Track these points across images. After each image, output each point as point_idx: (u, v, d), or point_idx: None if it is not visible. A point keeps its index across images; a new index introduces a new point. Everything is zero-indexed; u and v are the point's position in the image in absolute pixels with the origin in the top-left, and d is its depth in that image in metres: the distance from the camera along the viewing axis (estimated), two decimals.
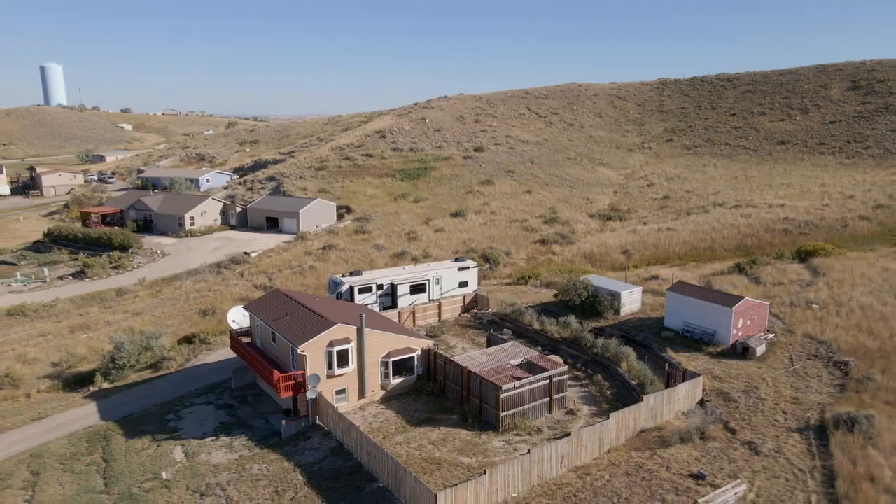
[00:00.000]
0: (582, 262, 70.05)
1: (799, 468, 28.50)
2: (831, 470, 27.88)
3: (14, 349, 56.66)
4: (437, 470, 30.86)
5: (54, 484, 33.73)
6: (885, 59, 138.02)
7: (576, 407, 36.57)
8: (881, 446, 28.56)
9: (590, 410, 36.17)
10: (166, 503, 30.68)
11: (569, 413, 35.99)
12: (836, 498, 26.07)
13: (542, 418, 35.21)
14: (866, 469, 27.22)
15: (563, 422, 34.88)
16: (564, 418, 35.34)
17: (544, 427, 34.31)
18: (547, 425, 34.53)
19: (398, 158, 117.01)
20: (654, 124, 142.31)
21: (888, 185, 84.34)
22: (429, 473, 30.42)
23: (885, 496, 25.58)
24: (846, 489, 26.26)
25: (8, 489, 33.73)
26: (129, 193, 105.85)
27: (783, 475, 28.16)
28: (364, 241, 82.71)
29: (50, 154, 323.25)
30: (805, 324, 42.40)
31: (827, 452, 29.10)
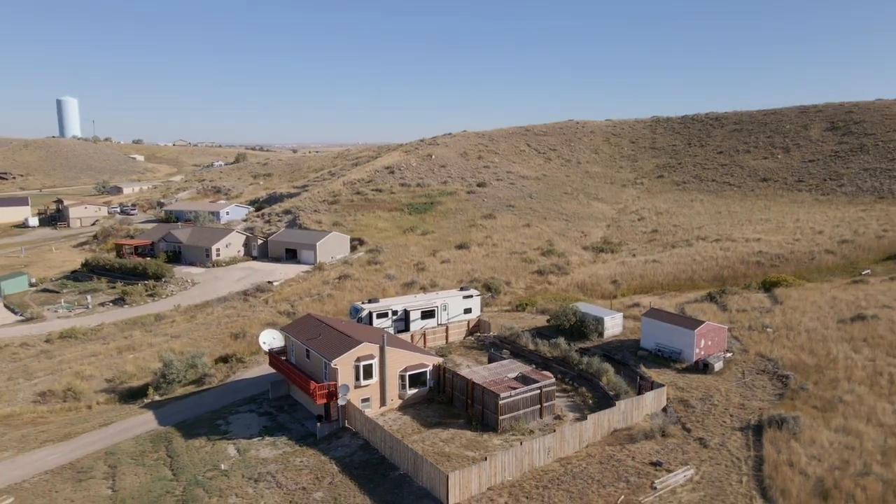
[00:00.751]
0: (574, 291, 77.53)
1: (737, 457, 35.74)
2: (761, 458, 35.09)
3: (71, 367, 64.10)
4: (447, 461, 38.07)
5: (130, 475, 40.97)
6: (861, 102, 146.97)
7: (562, 413, 43.84)
8: (802, 440, 35.78)
9: (574, 416, 43.38)
10: (227, 487, 37.90)
11: (556, 418, 43.22)
12: (762, 478, 33.28)
13: (534, 422, 42.43)
14: (787, 457, 34.44)
15: (551, 425, 42.05)
16: (553, 423, 42.53)
17: (536, 429, 41.49)
18: (538, 428, 41.73)
19: (406, 193, 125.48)
20: (647, 160, 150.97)
21: (855, 221, 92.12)
22: (440, 463, 37.60)
23: (800, 476, 32.74)
24: (770, 472, 33.47)
25: (92, 479, 40.95)
26: (159, 227, 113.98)
27: (724, 462, 35.39)
28: (376, 271, 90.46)
29: (66, 185, 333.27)
30: (759, 344, 49.78)
31: (760, 445, 36.32)
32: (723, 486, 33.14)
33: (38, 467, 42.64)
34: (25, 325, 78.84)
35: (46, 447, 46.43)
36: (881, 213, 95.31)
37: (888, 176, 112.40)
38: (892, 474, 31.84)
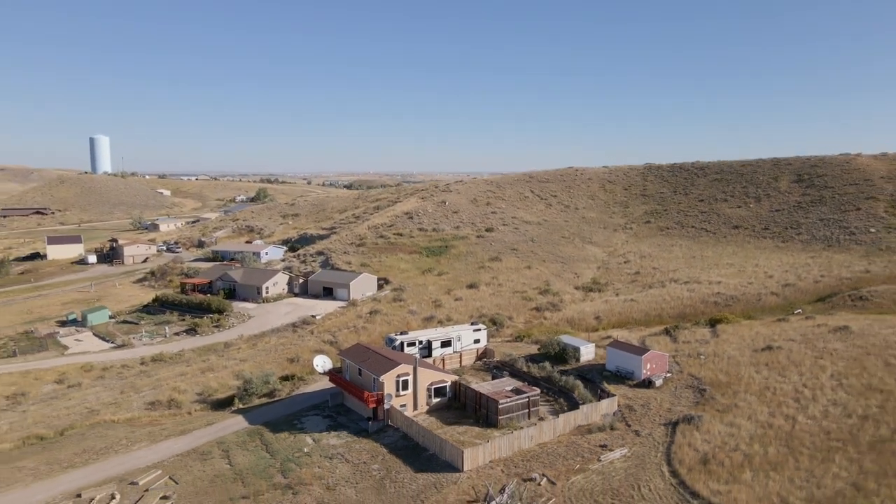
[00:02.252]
0: (564, 325, 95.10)
1: (657, 442, 53.12)
2: (672, 442, 52.46)
3: (167, 384, 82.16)
4: (462, 444, 55.62)
5: (239, 455, 58.76)
6: (827, 156, 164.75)
7: (544, 415, 61.33)
8: (701, 430, 53.14)
9: (553, 417, 60.89)
10: (310, 462, 55.58)
11: (540, 419, 60.70)
12: (670, 454, 50.60)
13: (524, 422, 59.88)
14: (689, 441, 51.77)
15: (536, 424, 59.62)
16: (537, 422, 60.05)
17: (524, 426, 59.03)
18: (526, 426, 59.23)
19: (423, 237, 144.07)
20: (637, 206, 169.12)
21: (802, 266, 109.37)
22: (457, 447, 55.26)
23: (693, 451, 49.97)
24: (675, 450, 50.81)
25: (213, 458, 58.70)
26: (215, 267, 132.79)
27: (649, 445, 52.78)
28: (401, 307, 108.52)
29: (101, 219, 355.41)
30: (692, 367, 67.19)
31: (674, 434, 53.71)
32: (644, 459, 50.55)
33: (169, 452, 60.54)
34: (119, 351, 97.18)
35: (170, 440, 64.30)
36: (825, 260, 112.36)
37: (839, 226, 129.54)
38: (751, 450, 49.15)
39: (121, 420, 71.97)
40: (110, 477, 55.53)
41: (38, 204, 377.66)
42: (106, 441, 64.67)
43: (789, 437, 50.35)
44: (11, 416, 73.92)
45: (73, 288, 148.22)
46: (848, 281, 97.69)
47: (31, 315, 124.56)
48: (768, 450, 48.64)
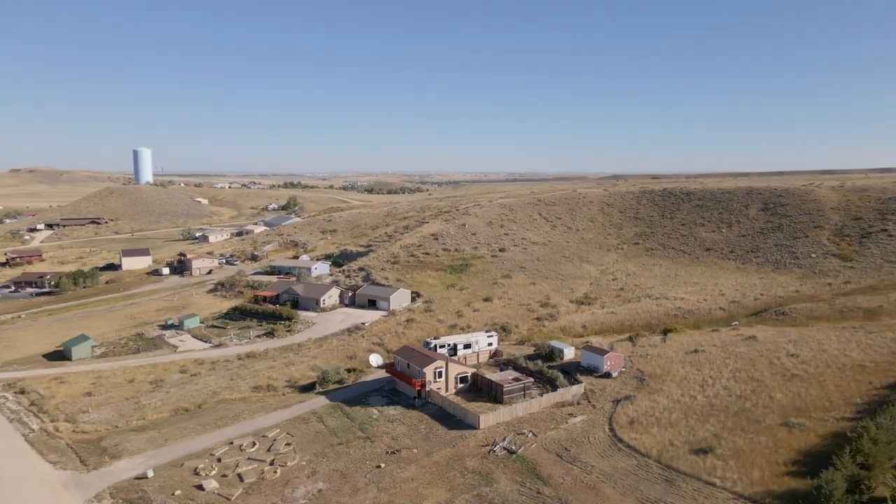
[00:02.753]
0: (558, 333, 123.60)
1: (606, 412, 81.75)
2: (615, 412, 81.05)
3: (262, 374, 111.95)
4: (478, 413, 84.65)
5: (328, 420, 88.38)
6: (791, 187, 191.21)
7: (534, 396, 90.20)
8: (635, 404, 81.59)
9: (539, 397, 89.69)
10: (380, 424, 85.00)
11: (531, 398, 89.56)
12: (611, 420, 79.22)
13: (520, 400, 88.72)
14: (626, 412, 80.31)
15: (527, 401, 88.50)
16: (528, 400, 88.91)
17: (520, 403, 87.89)
18: (521, 402, 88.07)
19: (447, 256, 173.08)
20: (630, 228, 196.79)
21: (750, 286, 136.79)
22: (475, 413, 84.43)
23: (626, 417, 78.41)
24: (615, 417, 79.41)
25: (311, 422, 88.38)
26: (280, 282, 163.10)
27: (600, 414, 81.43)
28: (430, 316, 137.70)
29: (150, 228, 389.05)
30: (640, 364, 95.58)
31: (616, 407, 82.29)
32: (595, 422, 79.18)
33: (280, 419, 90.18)
34: (217, 350, 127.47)
35: (278, 411, 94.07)
36: (769, 281, 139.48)
37: (788, 251, 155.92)
38: (661, 416, 77.49)
39: (236, 399, 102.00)
40: (246, 433, 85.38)
41: (92, 214, 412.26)
42: (233, 412, 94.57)
43: (688, 408, 78.80)
44: (159, 395, 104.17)
45: (158, 297, 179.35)
46: (780, 299, 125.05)
47: (134, 320, 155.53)
48: (672, 415, 77.12)
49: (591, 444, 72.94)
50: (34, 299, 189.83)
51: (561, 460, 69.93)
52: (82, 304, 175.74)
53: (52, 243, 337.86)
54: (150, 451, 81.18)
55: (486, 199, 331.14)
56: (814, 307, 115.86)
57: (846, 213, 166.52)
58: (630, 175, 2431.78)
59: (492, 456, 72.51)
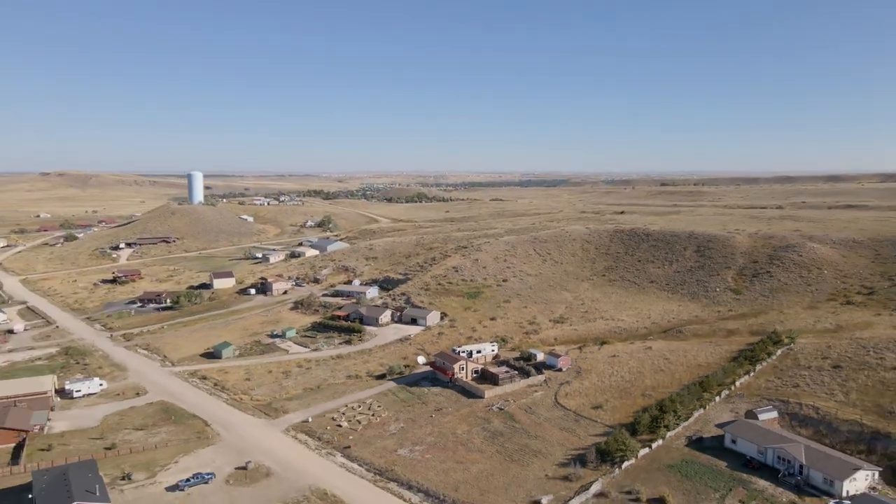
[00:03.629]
0: (538, 343, 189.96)
1: (554, 390, 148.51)
2: (559, 390, 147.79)
3: (350, 368, 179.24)
4: (484, 390, 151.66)
5: (400, 394, 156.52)
6: (719, 234, 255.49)
7: (517, 381, 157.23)
8: (571, 386, 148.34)
9: (520, 381, 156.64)
10: (429, 397, 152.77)
11: (514, 381, 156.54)
12: (557, 394, 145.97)
13: (509, 383, 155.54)
14: (566, 390, 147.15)
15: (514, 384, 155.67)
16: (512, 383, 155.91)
17: (508, 385, 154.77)
18: (509, 385, 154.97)
19: (464, 285, 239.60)
20: (601, 262, 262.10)
21: (669, 311, 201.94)
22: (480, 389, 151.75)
23: (565, 393, 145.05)
24: (559, 392, 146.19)
25: (388, 396, 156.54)
26: (349, 304, 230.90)
27: (551, 390, 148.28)
28: (454, 331, 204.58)
29: (212, 247, 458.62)
30: (580, 363, 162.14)
31: (560, 387, 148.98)
32: (548, 395, 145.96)
33: (368, 395, 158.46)
34: (316, 353, 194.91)
35: (366, 390, 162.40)
36: (683, 308, 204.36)
37: (703, 286, 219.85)
38: (587, 391, 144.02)
39: (339, 383, 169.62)
40: (352, 401, 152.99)
41: (160, 233, 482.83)
42: (340, 390, 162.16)
43: (598, 387, 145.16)
44: (290, 380, 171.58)
45: (255, 313, 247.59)
46: (683, 321, 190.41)
47: (247, 331, 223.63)
48: (587, 391, 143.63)
49: (543, 406, 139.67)
50: (160, 313, 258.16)
51: (526, 413, 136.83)
52: (203, 318, 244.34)
53: (137, 261, 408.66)
54: (302, 410, 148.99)
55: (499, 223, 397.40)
56: (699, 328, 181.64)
57: (749, 256, 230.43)
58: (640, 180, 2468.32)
59: (491, 411, 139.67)
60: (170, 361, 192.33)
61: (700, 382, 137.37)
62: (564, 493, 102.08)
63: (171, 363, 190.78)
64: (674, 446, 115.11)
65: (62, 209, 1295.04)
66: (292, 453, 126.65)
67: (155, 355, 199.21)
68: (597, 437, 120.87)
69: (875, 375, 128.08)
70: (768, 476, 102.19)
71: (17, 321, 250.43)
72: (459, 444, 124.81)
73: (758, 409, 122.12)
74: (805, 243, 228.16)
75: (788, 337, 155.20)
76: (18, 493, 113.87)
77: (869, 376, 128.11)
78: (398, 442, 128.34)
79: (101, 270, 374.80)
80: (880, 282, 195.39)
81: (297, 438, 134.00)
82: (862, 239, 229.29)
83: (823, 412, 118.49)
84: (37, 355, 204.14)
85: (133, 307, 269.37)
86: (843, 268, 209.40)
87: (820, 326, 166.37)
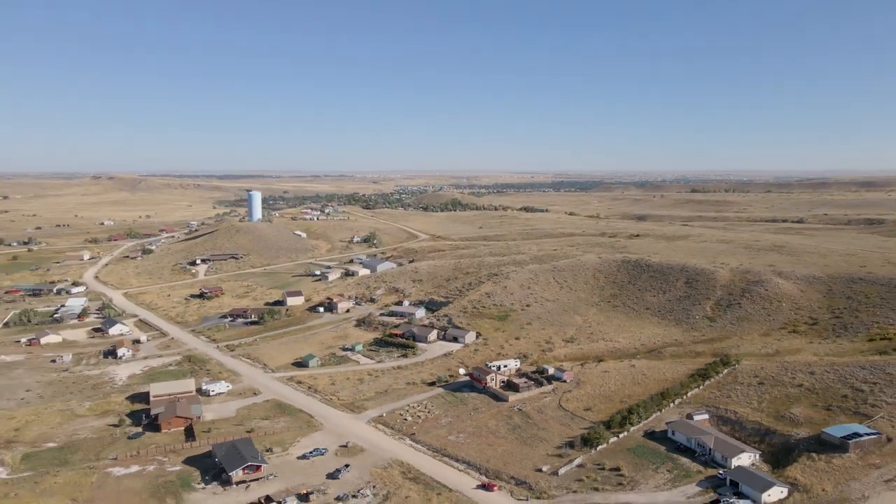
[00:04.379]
0: (551, 359, 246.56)
1: (560, 396, 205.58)
2: (563, 396, 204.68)
3: (409, 377, 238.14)
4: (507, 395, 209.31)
5: (447, 398, 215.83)
6: (706, 268, 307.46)
7: (532, 388, 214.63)
8: (571, 394, 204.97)
9: (536, 389, 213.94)
10: (469, 399, 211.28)
11: (531, 389, 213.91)
12: (560, 399, 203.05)
13: (527, 391, 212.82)
14: (567, 396, 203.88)
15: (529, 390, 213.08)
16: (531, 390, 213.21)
17: (526, 392, 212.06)
18: (527, 392, 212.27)
19: (495, 309, 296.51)
20: (608, 290, 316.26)
21: (655, 335, 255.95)
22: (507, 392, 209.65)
23: (567, 398, 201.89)
24: (563, 398, 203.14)
25: (439, 398, 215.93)
26: (403, 324, 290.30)
27: (558, 396, 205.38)
28: (487, 348, 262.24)
29: (274, 263, 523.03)
30: (581, 376, 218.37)
31: (563, 394, 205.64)
32: (555, 400, 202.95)
33: (424, 398, 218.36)
34: (380, 364, 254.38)
35: (421, 394, 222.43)
36: (668, 332, 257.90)
37: (686, 313, 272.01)
38: (584, 397, 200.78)
39: (400, 388, 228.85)
40: (412, 402, 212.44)
41: (228, 250, 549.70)
42: (402, 394, 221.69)
43: (592, 395, 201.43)
44: (363, 386, 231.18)
45: (326, 329, 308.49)
46: (665, 343, 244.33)
47: (323, 344, 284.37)
48: (584, 398, 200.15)
49: (550, 408, 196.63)
50: (249, 328, 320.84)
51: (537, 412, 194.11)
52: (285, 333, 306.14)
53: (213, 276, 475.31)
54: (377, 407, 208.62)
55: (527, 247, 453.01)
56: (676, 349, 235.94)
57: (727, 289, 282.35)
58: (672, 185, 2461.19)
59: (512, 411, 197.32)
60: (270, 369, 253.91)
61: (662, 393, 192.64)
62: (557, 465, 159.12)
63: (271, 370, 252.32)
64: (634, 436, 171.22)
65: (117, 213, 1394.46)
66: (375, 437, 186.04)
67: (256, 363, 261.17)
68: (583, 430, 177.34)
69: (783, 390, 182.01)
70: (690, 456, 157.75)
71: (139, 333, 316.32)
72: (490, 433, 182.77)
73: (695, 412, 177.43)
74: (772, 279, 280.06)
75: (735, 360, 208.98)
76: (202, 458, 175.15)
77: (779, 391, 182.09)
78: (448, 431, 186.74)
79: (186, 285, 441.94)
80: (824, 314, 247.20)
81: (377, 428, 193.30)
82: (821, 276, 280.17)
83: (739, 415, 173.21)
84: (166, 362, 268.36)
85: (225, 321, 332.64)
86: (799, 301, 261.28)
87: (763, 351, 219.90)
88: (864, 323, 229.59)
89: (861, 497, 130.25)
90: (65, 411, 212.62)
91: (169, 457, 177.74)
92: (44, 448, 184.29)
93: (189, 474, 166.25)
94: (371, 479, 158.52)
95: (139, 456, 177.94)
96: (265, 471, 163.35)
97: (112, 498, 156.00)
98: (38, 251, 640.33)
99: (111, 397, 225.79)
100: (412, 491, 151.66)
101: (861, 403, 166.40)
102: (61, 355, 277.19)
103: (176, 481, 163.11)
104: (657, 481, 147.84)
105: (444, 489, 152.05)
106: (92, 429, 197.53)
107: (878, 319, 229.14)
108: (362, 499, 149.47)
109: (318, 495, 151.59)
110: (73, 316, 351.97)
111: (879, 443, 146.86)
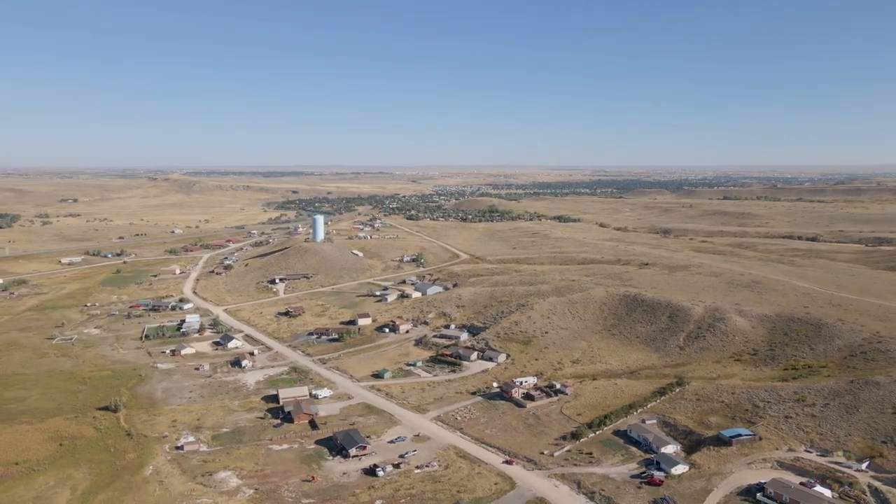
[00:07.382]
0: (560, 377, 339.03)
1: (561, 404, 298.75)
2: (564, 404, 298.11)
3: (459, 387, 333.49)
4: (526, 403, 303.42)
5: (483, 405, 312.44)
6: (686, 305, 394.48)
7: (543, 398, 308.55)
8: (570, 403, 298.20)
9: (547, 399, 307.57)
10: (499, 406, 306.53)
11: (542, 398, 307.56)
12: (562, 406, 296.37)
13: (540, 399, 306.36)
14: (566, 405, 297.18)
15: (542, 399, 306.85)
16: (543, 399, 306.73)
17: (541, 399, 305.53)
18: (540, 400, 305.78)
19: (521, 335, 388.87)
20: (609, 320, 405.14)
21: (638, 360, 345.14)
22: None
23: (566, 405, 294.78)
24: (564, 405, 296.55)
25: (477, 405, 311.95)
26: (452, 345, 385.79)
27: (561, 403, 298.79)
28: (514, 367, 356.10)
29: (339, 283, 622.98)
30: (577, 389, 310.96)
31: (565, 403, 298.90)
32: (558, 407, 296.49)
33: (467, 404, 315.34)
34: (436, 377, 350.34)
35: (465, 402, 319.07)
36: (647, 357, 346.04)
37: (665, 342, 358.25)
38: (576, 406, 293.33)
39: (451, 396, 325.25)
40: (459, 407, 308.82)
41: (301, 270, 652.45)
42: (453, 400, 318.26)
43: (583, 403, 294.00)
44: (425, 394, 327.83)
45: (391, 347, 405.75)
46: (643, 367, 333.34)
47: (392, 360, 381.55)
48: (579, 405, 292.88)
49: (554, 413, 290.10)
50: (332, 344, 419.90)
51: (545, 416, 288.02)
52: (362, 349, 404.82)
53: (291, 295, 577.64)
54: (436, 410, 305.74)
55: (550, 275, 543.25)
56: (650, 371, 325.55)
57: (697, 323, 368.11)
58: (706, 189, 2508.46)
59: (529, 414, 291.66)
60: (355, 379, 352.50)
61: (631, 404, 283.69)
62: (554, 449, 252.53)
63: (356, 380, 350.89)
64: (605, 433, 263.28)
65: (178, 217, 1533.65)
66: (436, 430, 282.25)
67: (345, 374, 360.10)
68: (573, 428, 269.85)
69: (710, 404, 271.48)
70: (637, 446, 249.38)
71: (249, 346, 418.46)
72: (512, 429, 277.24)
73: (648, 418, 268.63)
74: (733, 316, 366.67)
75: (687, 381, 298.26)
76: (326, 441, 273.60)
77: (707, 405, 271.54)
78: (484, 427, 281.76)
79: (272, 303, 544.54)
80: (763, 347, 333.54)
81: (437, 423, 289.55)
82: (771, 314, 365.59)
83: (675, 421, 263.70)
84: (278, 371, 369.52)
85: (313, 338, 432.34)
86: (749, 335, 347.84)
87: (709, 375, 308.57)
88: (787, 355, 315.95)
89: (729, 472, 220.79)
90: (224, 407, 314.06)
91: (304, 440, 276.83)
92: (222, 432, 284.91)
93: (321, 451, 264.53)
94: (436, 456, 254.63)
95: (285, 438, 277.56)
96: (369, 449, 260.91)
97: (278, 463, 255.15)
98: (132, 263, 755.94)
99: (250, 398, 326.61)
100: (462, 463, 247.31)
101: (754, 416, 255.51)
102: (201, 364, 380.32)
103: (314, 454, 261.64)
104: (614, 461, 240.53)
105: (483, 463, 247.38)
106: (247, 420, 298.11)
107: (796, 353, 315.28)
108: (431, 468, 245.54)
109: (404, 465, 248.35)
110: (195, 330, 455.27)
111: (753, 440, 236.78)
